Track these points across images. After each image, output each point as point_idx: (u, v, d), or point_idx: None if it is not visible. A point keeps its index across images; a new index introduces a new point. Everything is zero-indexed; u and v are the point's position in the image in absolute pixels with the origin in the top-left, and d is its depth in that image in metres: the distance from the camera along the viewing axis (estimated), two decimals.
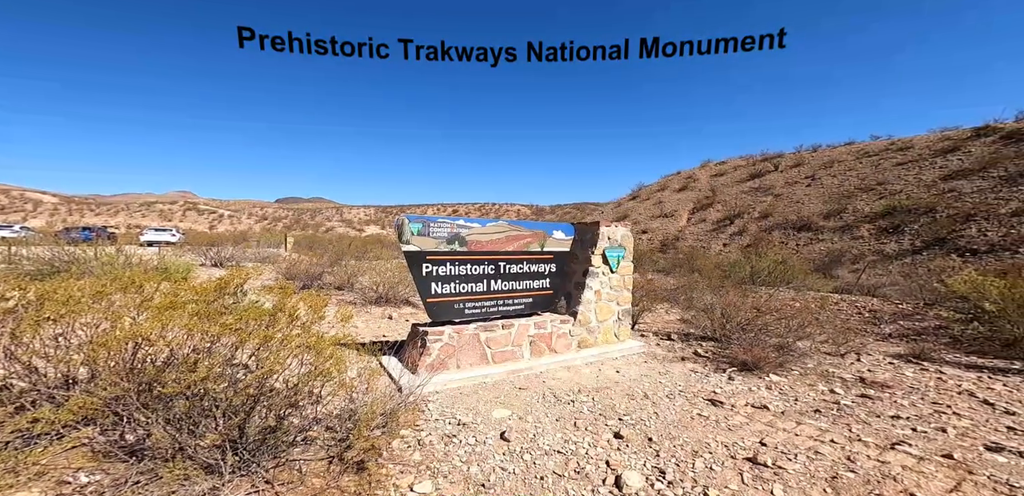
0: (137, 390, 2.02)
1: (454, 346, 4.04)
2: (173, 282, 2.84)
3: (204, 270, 10.60)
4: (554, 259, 4.96)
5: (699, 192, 24.93)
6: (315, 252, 10.76)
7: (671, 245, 20.29)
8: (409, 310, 7.39)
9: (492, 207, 79.39)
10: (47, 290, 2.29)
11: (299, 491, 2.07)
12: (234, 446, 2.02)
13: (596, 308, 5.16)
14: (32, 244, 6.83)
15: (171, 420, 1.99)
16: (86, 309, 2.25)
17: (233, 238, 16.60)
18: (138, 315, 2.43)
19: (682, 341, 5.87)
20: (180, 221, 57.59)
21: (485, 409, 3.29)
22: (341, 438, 2.37)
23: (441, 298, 4.09)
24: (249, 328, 2.15)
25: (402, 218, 3.88)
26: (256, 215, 66.92)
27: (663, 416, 3.30)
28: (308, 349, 2.20)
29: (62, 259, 5.92)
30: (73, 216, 55.63)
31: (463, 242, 4.19)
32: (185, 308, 2.24)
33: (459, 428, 2.94)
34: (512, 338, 4.43)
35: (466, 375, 3.88)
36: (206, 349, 2.19)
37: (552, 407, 3.40)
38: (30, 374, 2.23)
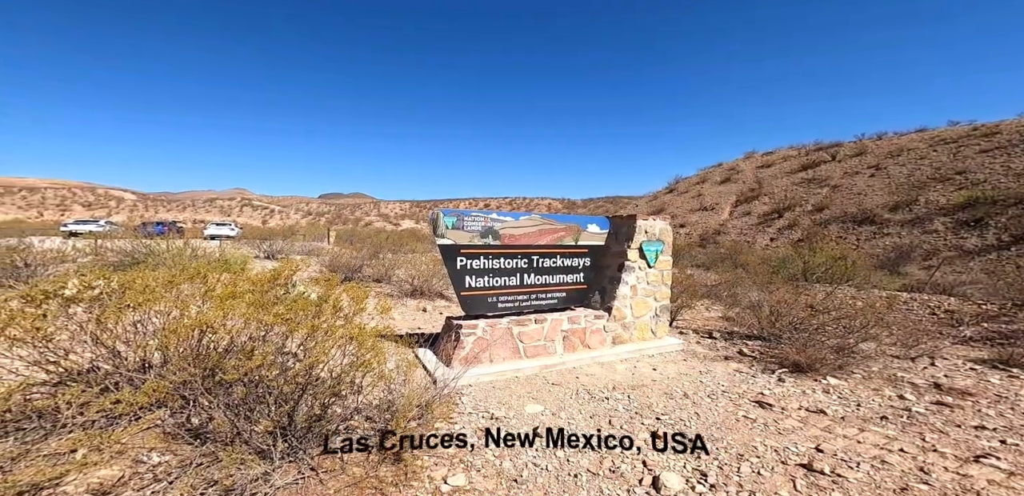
0: (202, 376, 2.15)
1: (487, 340, 4.05)
2: (233, 273, 3.02)
3: (258, 262, 11.31)
4: (588, 253, 4.84)
5: (743, 184, 23.52)
6: (355, 245, 11.24)
7: (711, 239, 19.32)
8: (443, 303, 7.52)
9: (523, 201, 79.35)
10: (127, 280, 2.51)
11: (340, 479, 2.13)
12: (283, 433, 2.10)
13: (632, 303, 4.99)
14: (115, 237, 7.62)
15: (230, 405, 2.10)
16: (160, 298, 2.45)
17: (282, 232, 17.72)
18: (203, 304, 2.60)
19: (725, 340, 5.57)
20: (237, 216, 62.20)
21: (518, 404, 3.28)
22: (380, 428, 2.43)
23: (475, 291, 4.11)
24: (298, 318, 2.25)
25: (437, 212, 3.92)
26: (302, 210, 71.06)
27: (705, 417, 3.15)
28: (351, 340, 2.27)
29: (140, 251, 6.57)
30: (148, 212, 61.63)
31: (496, 236, 4.18)
32: (243, 298, 2.36)
33: (492, 422, 2.94)
34: (545, 333, 4.39)
35: (499, 369, 3.88)
36: (261, 337, 2.30)
37: (586, 404, 3.33)
38: (113, 357, 2.42)
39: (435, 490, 2.14)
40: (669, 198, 27.07)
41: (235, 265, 7.41)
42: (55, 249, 6.71)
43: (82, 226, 22.03)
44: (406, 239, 12.06)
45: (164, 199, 76.53)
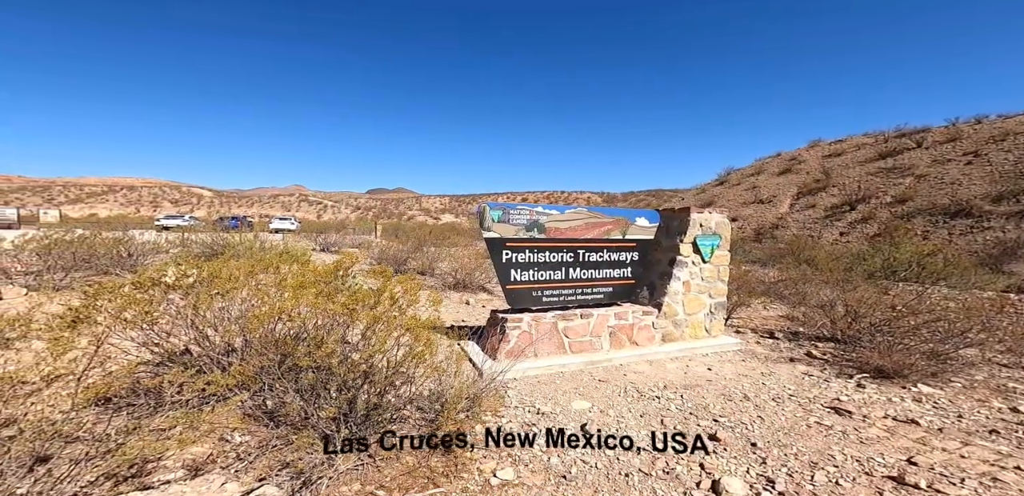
0: (278, 361, 2.29)
1: (532, 334, 4.03)
2: (300, 264, 3.23)
3: (315, 254, 12.04)
4: (636, 247, 4.66)
5: (806, 175, 21.56)
6: (399, 239, 11.69)
7: (768, 234, 17.93)
8: (485, 296, 7.59)
9: (561, 195, 78.40)
10: (215, 269, 2.75)
11: (395, 467, 2.19)
12: (345, 419, 2.19)
13: (684, 300, 4.75)
14: (197, 231, 8.55)
15: (299, 391, 2.22)
16: (242, 286, 2.66)
17: (335, 226, 18.88)
18: (277, 293, 2.78)
19: (789, 340, 5.15)
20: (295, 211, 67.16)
21: (564, 399, 3.24)
22: (430, 419, 2.48)
23: (520, 285, 4.10)
24: (359, 308, 2.34)
25: (483, 206, 3.94)
26: (351, 205, 75.30)
27: (769, 421, 2.94)
28: (408, 331, 2.33)
29: (219, 244, 7.29)
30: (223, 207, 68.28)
31: (542, 229, 4.13)
32: (312, 288, 2.51)
33: (538, 417, 2.92)
34: (591, 328, 4.29)
35: (544, 364, 3.86)
36: (328, 326, 2.41)
37: (635, 402, 3.22)
38: (202, 341, 2.65)
39: (484, 483, 2.16)
40: (719, 190, 25.46)
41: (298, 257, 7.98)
42: (151, 241, 7.62)
43: (171, 221, 24.88)
44: (447, 233, 12.35)
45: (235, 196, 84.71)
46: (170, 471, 2.00)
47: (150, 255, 7.15)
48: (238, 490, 1.84)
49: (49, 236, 6.11)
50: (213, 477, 1.94)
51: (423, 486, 2.07)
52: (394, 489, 2.03)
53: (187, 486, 1.84)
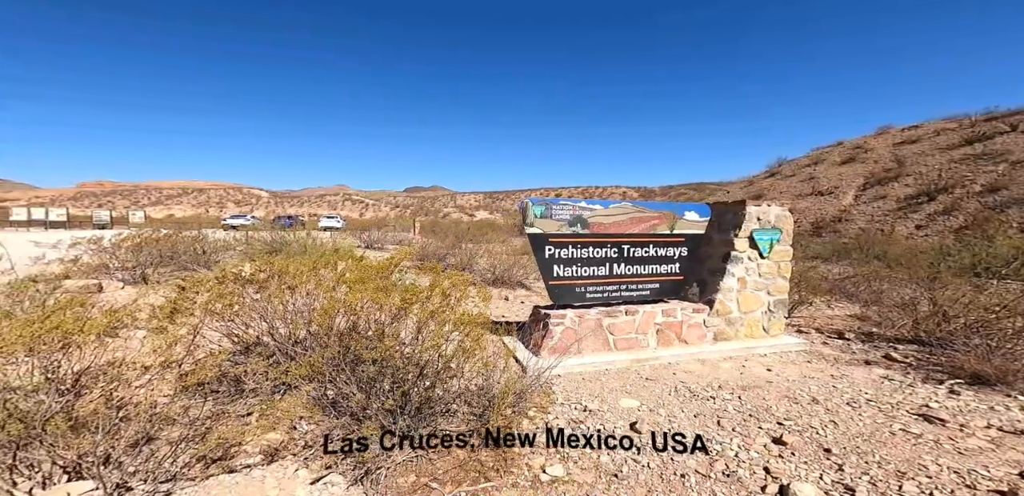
0: (341, 354, 2.38)
1: (576, 330, 3.99)
2: (355, 261, 3.39)
3: (360, 251, 12.64)
4: (685, 242, 4.46)
5: (874, 164, 19.62)
6: (437, 236, 11.94)
7: (828, 227, 16.53)
8: (523, 292, 7.60)
9: (595, 190, 76.54)
10: (284, 266, 2.94)
11: (447, 460, 2.22)
12: (400, 412, 2.26)
13: (739, 297, 4.49)
14: (258, 230, 9.30)
15: (360, 382, 2.30)
16: (307, 281, 2.83)
17: (376, 224, 19.64)
18: (336, 287, 2.91)
19: (863, 341, 4.73)
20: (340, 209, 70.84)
21: (611, 397, 3.18)
22: (478, 413, 2.51)
23: (563, 281, 4.06)
24: (415, 303, 2.42)
25: (526, 201, 3.93)
26: (390, 203, 78.25)
27: (845, 427, 2.72)
28: (461, 326, 2.37)
29: (277, 241, 7.87)
30: (279, 207, 73.48)
31: (585, 224, 4.06)
32: (370, 283, 2.62)
33: (585, 414, 2.89)
34: (637, 325, 4.17)
35: (588, 361, 3.80)
36: (388, 320, 2.50)
37: (688, 402, 3.11)
38: (273, 332, 2.82)
39: (534, 478, 2.15)
40: (770, 182, 23.79)
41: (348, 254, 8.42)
42: (221, 239, 8.36)
43: (236, 220, 27.15)
44: (483, 229, 12.47)
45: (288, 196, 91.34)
46: (250, 456, 2.13)
47: (221, 252, 7.84)
48: (309, 477, 1.94)
49: (140, 235, 6.88)
50: (287, 463, 2.05)
51: (474, 480, 2.10)
52: (447, 482, 2.07)
53: (266, 471, 1.96)
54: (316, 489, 1.86)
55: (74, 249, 6.44)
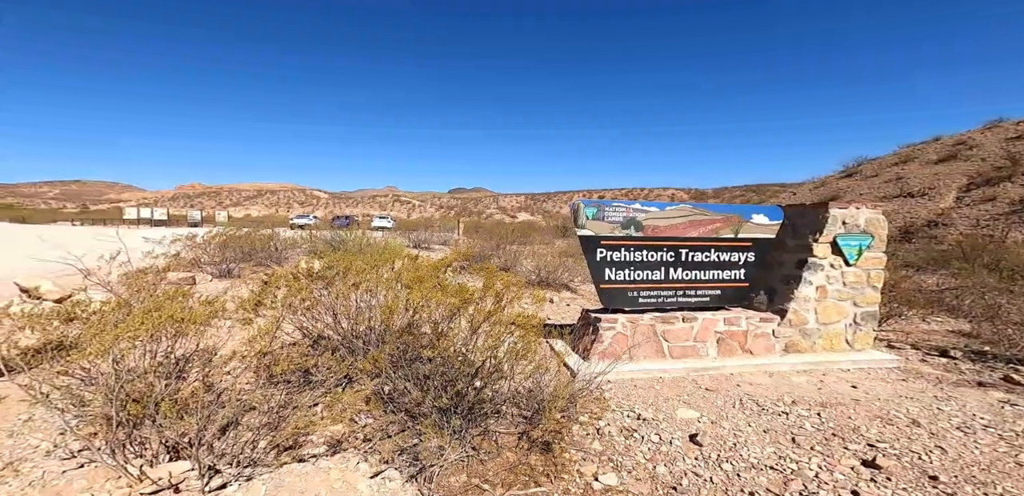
0: (401, 351, 2.46)
1: (627, 336, 3.86)
2: (410, 260, 3.54)
3: (408, 250, 13.02)
4: (753, 247, 4.14)
5: (981, 162, 17.02)
6: (480, 236, 12.08)
7: (921, 232, 14.58)
8: (568, 295, 7.50)
9: (640, 192, 73.40)
10: (348, 263, 3.13)
11: (497, 462, 2.23)
12: (454, 411, 2.27)
13: (818, 307, 4.10)
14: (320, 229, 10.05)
15: (416, 380, 2.35)
16: (369, 279, 2.98)
17: (423, 224, 20.29)
18: (395, 286, 3.01)
19: (972, 360, 4.13)
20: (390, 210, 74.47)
21: (667, 407, 3.04)
22: (528, 416, 2.49)
23: (614, 285, 3.95)
24: (470, 304, 2.47)
25: (577, 203, 3.88)
26: (435, 204, 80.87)
27: (955, 453, 2.41)
28: (516, 328, 2.38)
29: (336, 240, 8.45)
30: (336, 208, 78.88)
31: (639, 227, 3.92)
32: (428, 282, 2.71)
33: (639, 423, 2.79)
34: (694, 333, 3.95)
35: (640, 367, 3.67)
36: (445, 320, 2.56)
37: (756, 416, 2.89)
38: (336, 327, 2.97)
39: (586, 486, 2.11)
40: (847, 183, 21.45)
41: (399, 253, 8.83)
42: (290, 238, 9.15)
43: (300, 220, 29.60)
44: (526, 230, 12.43)
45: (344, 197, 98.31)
46: (316, 446, 2.23)
47: (289, 249, 8.57)
48: (369, 471, 2.01)
49: (225, 233, 7.72)
50: (349, 455, 2.13)
51: (525, 484, 2.08)
52: (497, 484, 2.07)
53: (330, 462, 2.05)
54: (375, 483, 1.93)
55: (174, 245, 7.36)
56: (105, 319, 2.19)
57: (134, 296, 2.89)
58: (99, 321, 2.16)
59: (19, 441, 2.12)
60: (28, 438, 2.13)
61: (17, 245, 12.13)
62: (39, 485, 1.80)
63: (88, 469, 1.88)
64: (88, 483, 1.80)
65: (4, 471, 1.88)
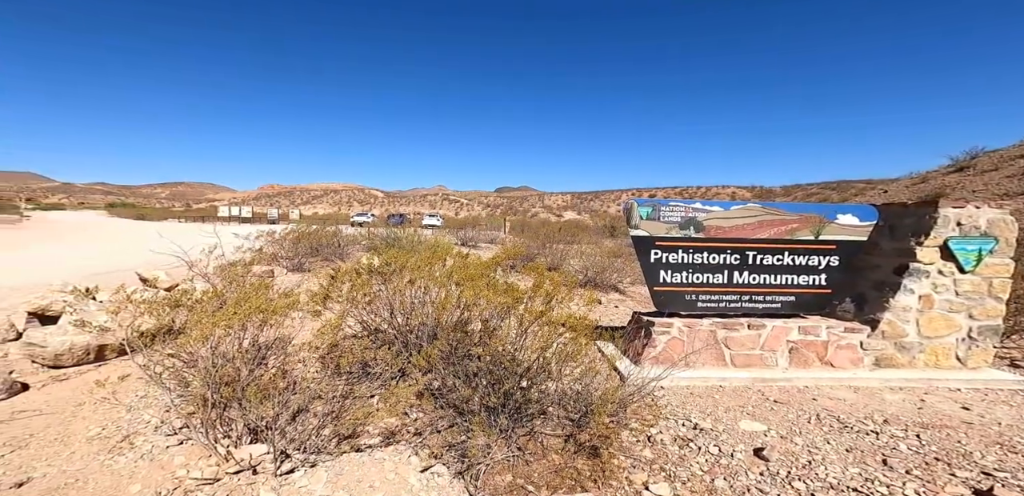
0: (453, 347, 2.51)
1: (683, 341, 3.65)
2: (461, 258, 3.63)
3: (457, 248, 13.19)
4: (837, 250, 3.70)
5: None
6: (526, 235, 12.00)
7: None
8: (617, 296, 7.27)
9: (695, 190, 67.98)
10: (404, 260, 3.28)
11: (542, 464, 2.20)
12: (501, 409, 2.28)
13: (921, 318, 3.59)
14: (377, 226, 10.66)
15: (466, 376, 2.38)
16: (423, 276, 3.11)
17: (470, 222, 20.73)
18: (447, 283, 3.09)
19: None
20: (439, 208, 76.91)
21: (728, 417, 2.84)
22: (574, 419, 2.44)
23: (670, 287, 3.74)
24: (520, 304, 2.47)
25: (630, 202, 3.73)
26: (482, 203, 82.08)
27: None
28: (568, 329, 2.34)
29: (391, 237, 8.94)
30: (391, 206, 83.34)
31: (699, 227, 3.68)
32: (480, 280, 2.76)
33: (696, 432, 2.63)
34: (762, 341, 3.63)
35: (697, 375, 3.45)
36: (496, 318, 2.59)
37: (836, 433, 2.61)
38: (391, 321, 3.11)
39: (636, 495, 2.03)
40: (956, 179, 18.33)
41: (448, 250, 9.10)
42: (351, 235, 9.84)
43: (360, 218, 31.81)
44: (572, 230, 12.13)
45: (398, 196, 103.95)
46: (371, 437, 2.33)
47: (350, 245, 9.22)
48: (419, 465, 2.08)
49: (297, 230, 8.50)
50: (401, 448, 2.20)
51: (570, 488, 2.05)
52: (542, 486, 2.05)
53: (384, 453, 2.13)
54: (424, 478, 1.99)
55: (257, 241, 8.25)
56: (204, 307, 2.51)
57: (227, 287, 3.26)
58: (200, 309, 2.48)
59: (135, 416, 2.45)
60: (142, 413, 2.47)
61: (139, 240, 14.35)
62: (148, 458, 2.06)
63: (186, 446, 2.13)
64: (185, 459, 2.04)
65: (122, 443, 2.19)
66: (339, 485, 1.86)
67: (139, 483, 1.87)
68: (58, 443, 2.21)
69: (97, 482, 1.88)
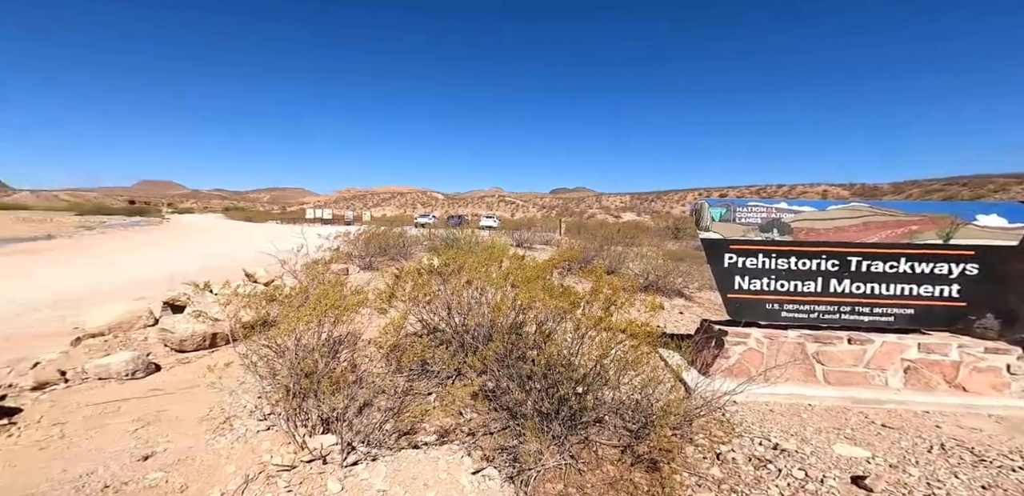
0: (508, 350, 2.50)
1: (762, 353, 3.30)
2: (517, 259, 3.64)
3: (512, 249, 13.19)
4: (976, 257, 3.09)
5: None
6: (583, 236, 11.66)
7: None
8: (681, 302, 6.82)
9: (775, 189, 60.26)
10: (463, 261, 3.36)
11: (596, 474, 2.11)
12: (555, 415, 2.23)
13: None
14: (437, 228, 11.12)
15: (519, 380, 2.35)
16: (480, 277, 3.17)
17: (526, 223, 20.75)
18: (503, 284, 3.10)
19: None
20: (495, 210, 78.23)
21: (818, 439, 2.52)
22: (632, 430, 2.32)
23: (747, 295, 3.40)
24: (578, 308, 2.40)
25: (700, 202, 3.48)
26: (537, 204, 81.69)
27: None
28: (629, 336, 2.24)
29: (451, 238, 9.28)
30: (450, 208, 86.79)
31: (785, 229, 3.30)
32: (536, 282, 2.74)
33: (776, 453, 2.37)
34: (867, 358, 3.15)
35: (780, 391, 3.10)
36: (553, 322, 2.55)
37: (968, 467, 2.21)
38: (448, 321, 3.17)
39: None
40: None
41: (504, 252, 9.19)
42: (413, 235, 10.41)
43: (423, 219, 33.60)
44: (631, 231, 11.53)
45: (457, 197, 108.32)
46: (428, 434, 2.39)
47: (413, 246, 9.75)
48: (472, 467, 2.09)
49: (368, 231, 9.18)
50: (455, 448, 2.23)
51: None
52: None
53: (439, 452, 2.17)
54: (476, 479, 2.00)
55: (335, 241, 9.07)
56: (291, 302, 2.79)
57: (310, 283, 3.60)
58: (287, 304, 2.76)
59: (235, 400, 2.79)
60: (241, 398, 2.80)
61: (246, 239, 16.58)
62: (242, 441, 2.31)
63: (272, 432, 2.35)
64: (271, 445, 2.23)
65: (224, 424, 2.50)
66: (396, 481, 1.94)
67: (233, 464, 2.10)
68: (177, 421, 2.58)
69: (202, 460, 2.14)
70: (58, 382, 3.08)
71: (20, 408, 2.71)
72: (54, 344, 3.93)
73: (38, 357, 3.57)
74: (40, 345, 3.97)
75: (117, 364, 3.20)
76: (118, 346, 3.89)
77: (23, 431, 2.44)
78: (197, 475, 2.02)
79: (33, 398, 2.86)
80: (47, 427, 2.49)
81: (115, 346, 3.89)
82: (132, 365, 3.24)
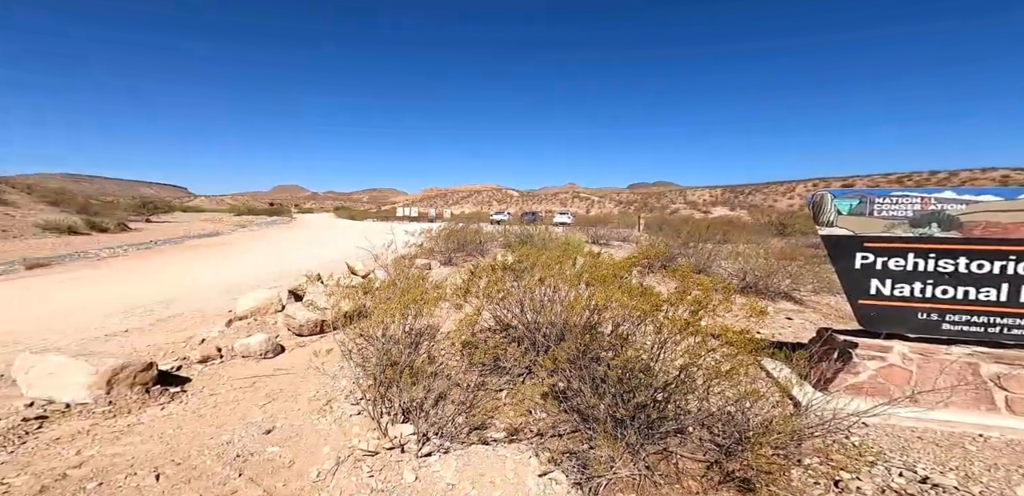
0: (582, 351, 2.37)
1: (910, 371, 2.70)
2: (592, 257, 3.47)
3: (587, 246, 12.86)
4: None
5: None
6: (664, 233, 10.77)
7: None
8: (788, 306, 5.89)
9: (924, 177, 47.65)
10: (535, 258, 3.31)
11: (675, 489, 1.94)
12: (631, 422, 2.08)
13: None
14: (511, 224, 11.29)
15: (591, 382, 2.23)
16: (554, 274, 3.09)
17: (601, 220, 19.91)
18: (577, 283, 2.99)
19: None
20: (570, 206, 76.51)
21: (990, 477, 2.05)
22: (721, 444, 2.07)
23: (888, 301, 2.80)
24: (660, 311, 2.20)
25: (821, 193, 2.95)
26: (614, 200, 77.70)
27: None
28: (723, 344, 2.00)
29: (525, 234, 9.32)
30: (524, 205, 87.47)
31: (951, 223, 2.65)
32: (612, 282, 2.58)
33: (924, 488, 2.01)
34: None
35: (935, 416, 2.54)
36: (631, 324, 2.39)
37: None
38: (520, 318, 3.13)
39: None
40: None
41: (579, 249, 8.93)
42: (489, 232, 10.67)
43: (498, 216, 34.43)
44: (724, 227, 10.27)
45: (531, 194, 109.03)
46: (497, 431, 2.40)
47: (488, 243, 9.99)
48: (538, 468, 2.03)
49: (448, 228, 9.66)
50: (523, 447, 2.20)
51: None
52: None
53: (507, 450, 2.15)
54: (542, 482, 1.94)
55: (420, 238, 9.72)
56: (380, 295, 3.00)
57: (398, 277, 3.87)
58: (377, 296, 2.97)
59: (335, 384, 3.06)
60: (340, 382, 3.08)
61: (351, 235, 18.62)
62: (337, 424, 2.47)
63: (362, 417, 2.53)
64: (360, 430, 2.35)
65: (325, 406, 2.74)
66: (465, 475, 1.96)
67: (328, 445, 2.27)
68: (292, 399, 2.92)
69: (307, 439, 2.34)
70: (216, 357, 3.71)
71: (189, 378, 3.30)
72: (221, 321, 4.80)
73: (204, 334, 4.39)
74: (216, 322, 4.87)
75: (255, 344, 3.76)
76: (256, 328, 4.58)
77: (189, 399, 2.95)
78: (302, 452, 2.24)
79: (199, 370, 3.46)
80: (206, 396, 2.99)
81: (255, 328, 4.58)
82: (265, 346, 3.79)
